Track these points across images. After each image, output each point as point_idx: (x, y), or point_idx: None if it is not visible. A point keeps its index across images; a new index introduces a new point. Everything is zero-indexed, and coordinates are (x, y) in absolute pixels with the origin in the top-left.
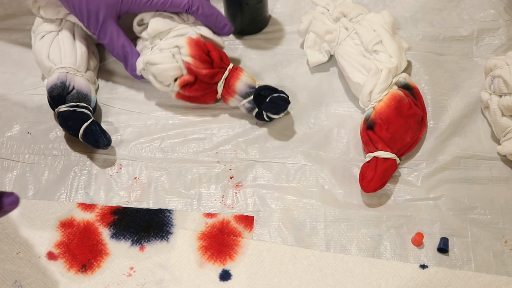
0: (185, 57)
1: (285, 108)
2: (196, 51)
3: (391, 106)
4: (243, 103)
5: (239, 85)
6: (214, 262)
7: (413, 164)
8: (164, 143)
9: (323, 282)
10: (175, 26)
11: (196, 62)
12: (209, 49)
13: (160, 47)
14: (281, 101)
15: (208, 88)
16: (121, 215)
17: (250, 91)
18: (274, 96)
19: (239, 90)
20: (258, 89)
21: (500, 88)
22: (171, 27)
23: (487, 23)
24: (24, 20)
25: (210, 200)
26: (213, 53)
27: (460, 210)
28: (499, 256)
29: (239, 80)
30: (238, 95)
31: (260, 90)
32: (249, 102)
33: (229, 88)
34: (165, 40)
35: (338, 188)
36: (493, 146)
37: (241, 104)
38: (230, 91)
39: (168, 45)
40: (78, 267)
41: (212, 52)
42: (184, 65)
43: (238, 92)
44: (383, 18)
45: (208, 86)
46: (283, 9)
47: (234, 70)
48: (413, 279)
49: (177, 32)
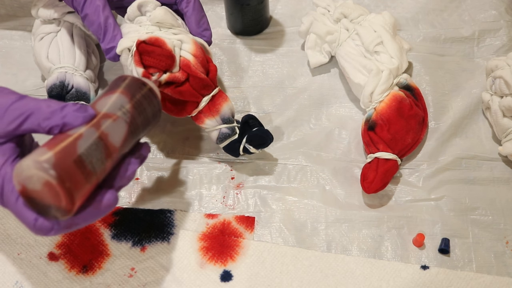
0: (187, 53)
1: (269, 143)
2: (199, 52)
3: (392, 107)
4: (221, 127)
5: (225, 107)
6: (215, 262)
7: (414, 165)
8: (165, 143)
9: (324, 282)
10: (177, 25)
11: (197, 63)
12: (208, 60)
13: (158, 35)
14: (268, 136)
15: (192, 96)
16: (122, 216)
17: (230, 119)
18: (262, 129)
19: (223, 112)
20: (247, 116)
21: (501, 89)
22: (174, 24)
23: (488, 24)
24: (26, 21)
25: (211, 201)
26: (211, 65)
27: (461, 211)
28: (500, 257)
29: (227, 102)
30: (219, 117)
31: (249, 118)
32: (227, 128)
33: (213, 107)
34: (164, 32)
35: (339, 189)
36: (494, 147)
37: (217, 127)
38: (213, 110)
39: (169, 35)
40: (79, 268)
41: (210, 64)
42: (181, 61)
43: (221, 114)
44: (384, 19)
45: (193, 95)
46: (284, 10)
47: (222, 92)
48: (414, 280)
49: (178, 31)
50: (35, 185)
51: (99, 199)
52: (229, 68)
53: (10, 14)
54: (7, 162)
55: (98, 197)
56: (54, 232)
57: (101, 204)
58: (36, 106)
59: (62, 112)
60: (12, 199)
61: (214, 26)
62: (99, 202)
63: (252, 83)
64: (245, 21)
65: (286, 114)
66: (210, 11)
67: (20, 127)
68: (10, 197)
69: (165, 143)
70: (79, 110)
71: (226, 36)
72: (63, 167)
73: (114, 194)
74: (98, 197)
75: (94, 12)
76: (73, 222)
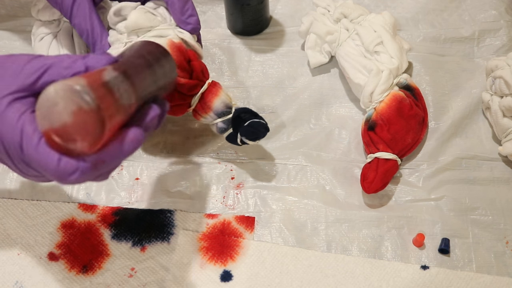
0: None
1: (263, 135)
2: (177, 57)
3: (392, 107)
4: (216, 121)
5: (216, 102)
6: (215, 263)
7: (414, 165)
8: (165, 143)
9: (324, 283)
10: (156, 25)
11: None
12: (190, 57)
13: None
14: (261, 127)
15: (181, 99)
16: (122, 216)
17: (226, 111)
18: (254, 121)
19: (215, 107)
20: (238, 111)
21: (501, 89)
22: (152, 25)
23: (488, 24)
24: (26, 22)
25: (211, 201)
26: (194, 62)
27: (461, 211)
28: (500, 257)
29: (217, 97)
30: (213, 113)
31: (240, 112)
32: (223, 122)
33: (204, 104)
34: (143, 37)
35: (339, 189)
36: (494, 147)
37: (213, 122)
38: (205, 107)
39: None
40: (79, 268)
41: (193, 62)
42: None
43: (214, 109)
44: (384, 19)
45: (182, 97)
46: (284, 10)
47: (213, 86)
48: (414, 280)
49: (157, 32)
50: (64, 111)
51: (125, 135)
52: (229, 68)
53: (11, 14)
54: (26, 112)
55: (124, 133)
56: (79, 174)
57: (127, 138)
58: (57, 59)
59: (84, 59)
60: (33, 142)
61: (214, 26)
62: (124, 137)
63: (252, 83)
64: (245, 21)
65: (286, 114)
66: (210, 11)
67: (40, 79)
68: (31, 140)
69: (165, 143)
70: (101, 54)
71: (226, 36)
72: (94, 90)
73: (140, 130)
74: (124, 133)
75: (82, 22)
76: (98, 159)
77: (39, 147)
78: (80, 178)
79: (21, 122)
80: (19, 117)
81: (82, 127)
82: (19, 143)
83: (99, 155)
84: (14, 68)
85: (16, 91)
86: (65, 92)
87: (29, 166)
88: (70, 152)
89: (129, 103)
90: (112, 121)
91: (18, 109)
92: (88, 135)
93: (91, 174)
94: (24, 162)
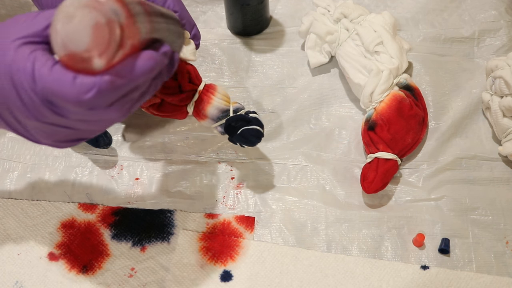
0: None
1: (256, 143)
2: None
3: (392, 107)
4: (215, 126)
5: (210, 109)
6: (215, 262)
7: (414, 165)
8: (165, 143)
9: (324, 282)
10: None
11: (161, 88)
12: (176, 71)
13: None
14: (252, 136)
15: (177, 109)
16: (122, 216)
17: (221, 116)
18: (245, 130)
19: (210, 114)
20: (230, 120)
21: (501, 89)
22: None
23: (488, 24)
24: None
25: (211, 201)
26: (180, 75)
27: (461, 211)
28: (500, 257)
29: (210, 104)
30: (210, 119)
31: (231, 121)
32: (221, 126)
33: (199, 112)
34: None
35: (339, 189)
36: (494, 147)
37: (213, 126)
38: (201, 114)
39: None
40: (79, 268)
41: (179, 75)
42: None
43: (210, 116)
44: (384, 19)
45: (175, 109)
46: (284, 10)
47: (205, 93)
48: (414, 280)
49: None
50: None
51: (139, 54)
52: (229, 68)
53: (11, 14)
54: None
55: (138, 53)
56: (96, 91)
57: (142, 55)
58: None
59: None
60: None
61: (214, 26)
62: (139, 55)
63: (252, 83)
64: (245, 21)
65: (286, 114)
66: (210, 11)
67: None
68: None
69: (165, 143)
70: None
71: (226, 36)
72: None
73: (154, 52)
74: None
75: None
76: (115, 73)
77: (53, 69)
78: (98, 96)
79: (33, 55)
80: (31, 52)
81: (100, 41)
82: (31, 74)
83: (115, 70)
84: (25, 18)
85: (28, 36)
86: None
87: (43, 102)
88: (86, 72)
89: (144, 30)
90: (128, 41)
91: (30, 48)
92: (105, 50)
93: (109, 93)
94: (38, 96)
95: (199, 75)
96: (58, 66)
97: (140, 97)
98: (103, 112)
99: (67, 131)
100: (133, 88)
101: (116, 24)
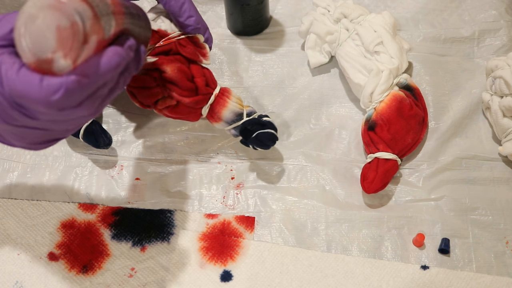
0: (167, 82)
1: (271, 146)
2: (179, 78)
3: (392, 107)
4: (228, 129)
5: (225, 113)
6: (215, 262)
7: (414, 165)
8: (165, 143)
9: (324, 282)
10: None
11: (179, 89)
12: (193, 74)
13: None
14: (267, 140)
15: (192, 111)
16: (122, 216)
17: (236, 119)
18: (260, 134)
19: (224, 117)
20: (245, 123)
21: (501, 89)
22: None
23: (488, 24)
24: None
25: (211, 201)
26: (198, 79)
27: (461, 211)
28: (500, 257)
29: (225, 107)
30: (224, 122)
31: (247, 124)
32: (235, 129)
33: (214, 114)
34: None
35: (339, 189)
36: (494, 147)
37: (226, 129)
38: (216, 117)
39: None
40: (79, 268)
41: (196, 78)
42: (166, 89)
43: (224, 119)
44: (384, 19)
45: (192, 110)
46: (284, 10)
47: (220, 96)
48: (414, 280)
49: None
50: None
51: (105, 51)
52: (229, 68)
53: None
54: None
55: (104, 51)
56: (64, 91)
57: (107, 52)
58: None
59: None
60: (13, 69)
61: (214, 26)
62: (104, 52)
63: (252, 83)
64: (245, 21)
65: (286, 114)
66: (210, 11)
67: None
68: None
69: (165, 143)
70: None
71: (226, 36)
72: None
73: (119, 47)
74: (104, 51)
75: None
76: (80, 72)
77: (20, 72)
78: (66, 97)
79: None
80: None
81: (64, 42)
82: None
83: (80, 69)
84: None
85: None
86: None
87: (11, 105)
88: (53, 73)
89: (108, 27)
90: (93, 40)
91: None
92: (70, 50)
93: (77, 92)
94: (6, 99)
95: (215, 79)
96: (25, 68)
97: (109, 93)
98: (73, 111)
99: (39, 133)
100: (101, 85)
101: (80, 23)
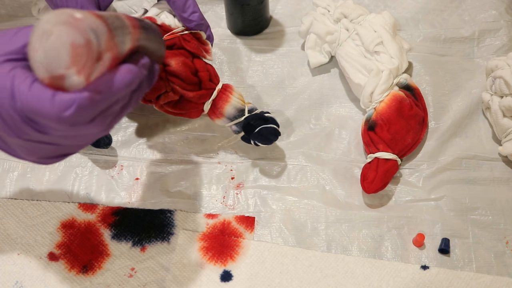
0: (171, 76)
1: (274, 140)
2: (183, 72)
3: (392, 107)
4: (230, 125)
5: (228, 108)
6: (215, 262)
7: (414, 165)
8: (165, 143)
9: (324, 282)
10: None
11: (182, 83)
12: (197, 68)
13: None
14: (270, 134)
15: (194, 107)
16: (122, 216)
17: (238, 115)
18: (263, 128)
19: (227, 113)
20: (248, 118)
21: (501, 89)
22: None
23: (488, 24)
24: (26, 21)
25: (211, 201)
26: (201, 73)
27: (461, 211)
28: (500, 257)
29: (228, 103)
30: (226, 118)
31: (250, 119)
32: (236, 125)
33: (216, 110)
34: None
35: (339, 189)
36: (494, 147)
37: (227, 125)
38: (218, 112)
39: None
40: (79, 268)
41: (200, 73)
42: (170, 83)
43: (226, 115)
44: (384, 19)
45: (194, 105)
46: (284, 10)
47: (223, 92)
48: (414, 280)
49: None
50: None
51: (118, 68)
52: (229, 68)
53: (11, 14)
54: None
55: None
56: (76, 107)
57: (121, 69)
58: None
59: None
60: (25, 84)
61: (214, 26)
62: (118, 69)
63: (252, 83)
64: (245, 21)
65: (286, 114)
66: (210, 11)
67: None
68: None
69: (165, 143)
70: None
71: (226, 36)
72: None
73: (133, 65)
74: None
75: None
76: (93, 89)
77: (32, 87)
78: (78, 113)
79: (12, 72)
80: (11, 69)
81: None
82: (10, 91)
83: (93, 85)
84: (5, 35)
85: (8, 53)
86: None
87: (23, 119)
88: (65, 90)
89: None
90: (107, 57)
91: (10, 65)
92: (84, 67)
93: (89, 108)
94: (17, 113)
95: (218, 75)
96: (37, 83)
97: (121, 110)
98: (84, 127)
99: (50, 148)
100: (114, 102)
101: (94, 41)
